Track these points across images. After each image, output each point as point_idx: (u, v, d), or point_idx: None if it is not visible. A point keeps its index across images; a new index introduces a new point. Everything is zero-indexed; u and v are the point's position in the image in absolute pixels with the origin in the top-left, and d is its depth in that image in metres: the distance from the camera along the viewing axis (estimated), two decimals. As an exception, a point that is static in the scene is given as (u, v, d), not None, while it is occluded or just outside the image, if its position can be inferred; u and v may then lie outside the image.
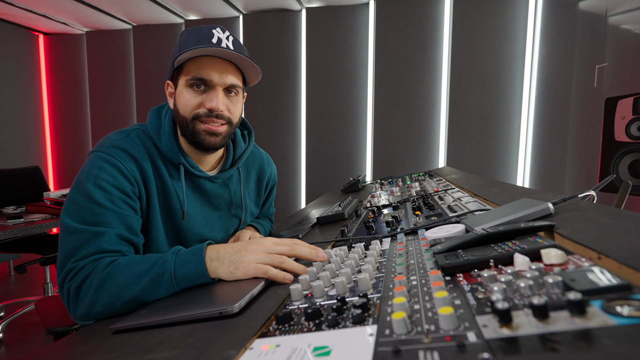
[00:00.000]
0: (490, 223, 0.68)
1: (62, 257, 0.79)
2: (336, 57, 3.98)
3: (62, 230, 0.81)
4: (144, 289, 0.70)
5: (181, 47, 0.90)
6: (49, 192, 2.71)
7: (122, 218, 0.83)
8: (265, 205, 1.28)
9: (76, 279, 0.76)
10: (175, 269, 0.71)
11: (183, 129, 0.95)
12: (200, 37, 0.90)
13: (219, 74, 0.91)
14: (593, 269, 0.41)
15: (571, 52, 2.99)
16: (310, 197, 4.13)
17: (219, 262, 0.71)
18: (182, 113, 0.94)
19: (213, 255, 0.73)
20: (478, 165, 3.66)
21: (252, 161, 1.18)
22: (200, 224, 1.02)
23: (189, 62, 0.91)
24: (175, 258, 0.72)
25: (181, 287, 0.71)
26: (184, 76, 0.92)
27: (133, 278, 0.71)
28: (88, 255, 0.78)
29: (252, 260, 0.70)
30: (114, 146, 0.88)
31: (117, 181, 0.85)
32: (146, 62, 4.40)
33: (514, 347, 0.31)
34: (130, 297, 0.70)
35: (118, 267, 0.74)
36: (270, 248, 0.72)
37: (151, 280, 0.70)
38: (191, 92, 0.92)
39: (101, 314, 0.73)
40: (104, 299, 0.71)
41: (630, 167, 2.37)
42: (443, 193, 1.29)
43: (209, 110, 0.92)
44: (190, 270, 0.71)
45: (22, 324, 2.52)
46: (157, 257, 0.74)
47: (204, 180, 1.01)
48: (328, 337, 0.41)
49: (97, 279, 0.73)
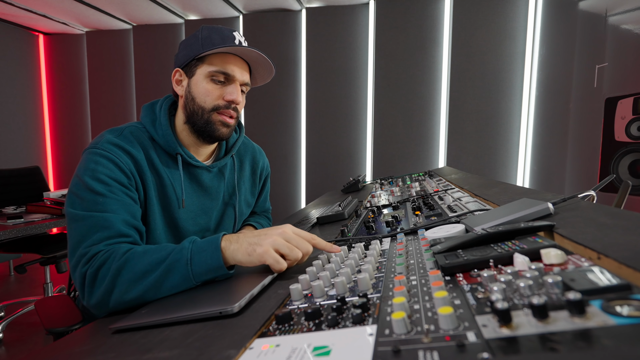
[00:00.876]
0: (490, 223, 0.68)
1: (72, 245, 0.80)
2: (336, 57, 3.98)
3: (69, 220, 0.83)
4: (160, 276, 0.70)
5: (204, 41, 0.96)
6: (49, 192, 2.72)
7: (125, 206, 0.85)
8: (260, 197, 1.30)
9: (92, 264, 0.76)
10: (192, 255, 0.71)
11: (194, 117, 0.98)
12: (224, 37, 0.97)
13: (240, 71, 1.00)
14: (593, 268, 0.41)
15: (571, 52, 2.99)
16: (310, 197, 4.13)
17: (237, 244, 0.71)
18: (199, 102, 0.97)
19: (233, 239, 0.73)
20: (478, 165, 3.66)
21: (244, 151, 1.22)
22: (197, 213, 1.04)
23: (214, 56, 0.97)
24: (192, 246, 0.73)
25: (197, 277, 0.71)
26: (207, 67, 0.97)
27: (151, 266, 0.71)
28: (100, 240, 0.78)
29: (270, 243, 0.69)
30: (108, 142, 0.91)
31: (114, 173, 0.87)
32: (146, 62, 4.40)
33: (514, 347, 0.31)
34: (147, 286, 0.70)
35: (135, 255, 0.74)
36: (289, 236, 0.72)
37: (167, 268, 0.71)
38: (211, 84, 0.97)
39: (117, 301, 0.72)
40: (121, 286, 0.71)
41: (630, 167, 2.37)
42: (443, 193, 1.29)
43: (228, 102, 0.98)
44: (206, 257, 0.70)
45: (22, 324, 2.52)
46: (174, 245, 0.75)
47: (200, 170, 1.04)
48: (328, 337, 0.41)
49: (115, 266, 0.73)
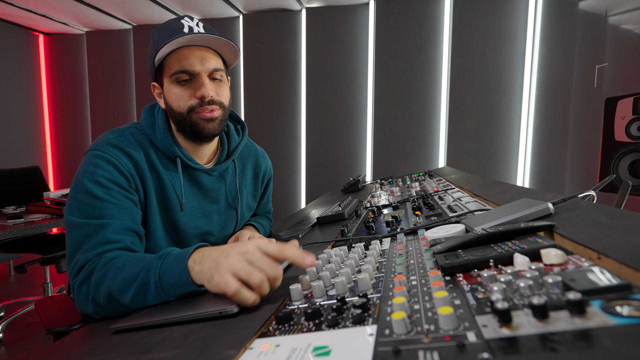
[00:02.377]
0: (490, 223, 0.68)
1: (69, 253, 0.80)
2: (336, 57, 3.98)
3: (67, 227, 0.82)
4: (133, 296, 0.67)
5: (156, 45, 0.91)
6: (49, 192, 2.72)
7: (124, 210, 0.85)
8: (262, 200, 1.28)
9: (80, 275, 0.76)
10: (160, 276, 0.66)
11: (180, 124, 0.96)
12: (171, 30, 0.90)
13: (200, 61, 0.92)
14: (593, 269, 0.41)
15: (571, 52, 2.99)
16: (310, 197, 4.13)
17: (200, 266, 0.63)
18: (176, 109, 0.94)
19: (197, 258, 0.64)
20: (478, 165, 3.66)
21: (247, 155, 1.18)
22: (197, 217, 1.02)
23: (168, 57, 0.92)
24: (161, 264, 0.67)
25: (171, 296, 0.66)
26: (167, 72, 0.93)
27: (125, 284, 0.68)
28: (92, 248, 0.78)
29: (229, 267, 0.59)
30: (108, 144, 0.90)
31: (114, 176, 0.86)
32: (146, 62, 4.35)
33: (514, 347, 0.31)
34: (125, 304, 0.69)
35: (112, 269, 0.72)
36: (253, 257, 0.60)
37: (139, 288, 0.67)
38: (179, 87, 0.93)
39: (105, 312, 0.73)
40: (103, 300, 0.71)
41: (630, 167, 2.37)
42: (443, 193, 1.29)
43: (200, 99, 0.92)
44: (174, 278, 0.65)
45: (22, 324, 2.52)
46: (146, 261, 0.69)
47: (200, 173, 1.02)
48: (328, 337, 0.41)
49: (95, 278, 0.73)
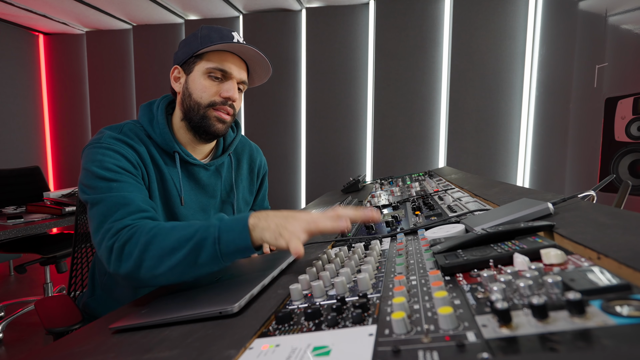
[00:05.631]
0: (490, 223, 0.68)
1: (95, 225, 0.80)
2: (336, 57, 3.98)
3: (89, 205, 0.84)
4: (185, 256, 0.70)
5: (203, 40, 0.98)
6: (49, 192, 2.71)
7: (139, 189, 0.87)
8: (259, 196, 1.30)
9: (119, 237, 0.76)
10: (220, 233, 0.70)
11: (191, 113, 0.99)
12: (223, 35, 0.99)
13: (238, 69, 1.01)
14: (592, 268, 0.41)
15: (571, 52, 2.99)
16: (310, 197, 4.13)
17: (266, 223, 0.71)
18: (196, 98, 0.98)
19: (262, 216, 0.72)
20: (478, 165, 3.66)
21: (241, 150, 1.22)
22: (196, 211, 1.05)
23: (212, 53, 0.98)
24: (220, 224, 0.72)
25: (225, 257, 0.70)
26: (205, 64, 0.98)
27: (179, 242, 0.71)
28: (123, 216, 0.79)
29: (295, 231, 0.69)
30: (110, 137, 0.92)
31: (121, 163, 0.88)
32: (146, 62, 4.40)
33: (514, 346, 0.31)
34: (176, 262, 0.70)
35: (163, 230, 0.74)
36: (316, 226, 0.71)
37: (194, 247, 0.70)
38: (209, 81, 0.98)
39: (147, 275, 0.72)
40: (150, 261, 0.72)
41: (630, 167, 2.37)
42: (443, 193, 1.29)
43: (225, 98, 0.99)
44: (233, 236, 0.70)
45: (22, 324, 2.52)
46: (201, 223, 0.74)
47: (197, 168, 1.05)
48: (328, 337, 0.41)
49: (142, 240, 0.73)
